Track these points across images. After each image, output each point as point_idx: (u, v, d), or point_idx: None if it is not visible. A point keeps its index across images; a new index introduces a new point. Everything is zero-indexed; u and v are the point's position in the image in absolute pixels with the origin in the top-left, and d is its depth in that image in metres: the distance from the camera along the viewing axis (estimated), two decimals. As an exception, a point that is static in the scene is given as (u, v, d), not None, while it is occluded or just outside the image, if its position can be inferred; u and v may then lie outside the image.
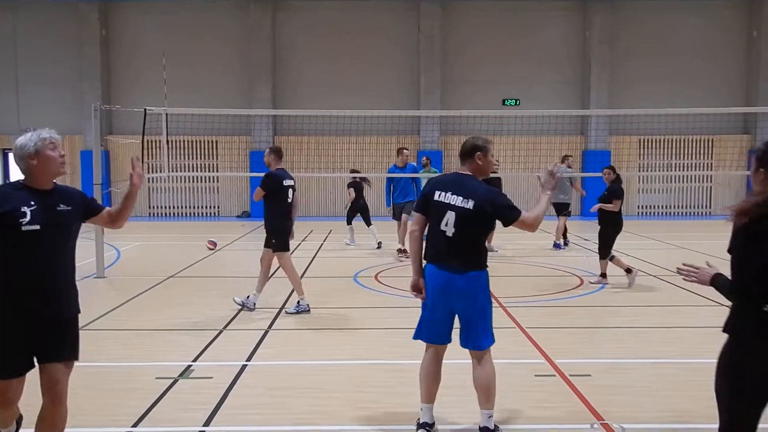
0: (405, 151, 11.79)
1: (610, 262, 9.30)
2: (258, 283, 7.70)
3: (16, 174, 20.00)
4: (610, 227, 9.20)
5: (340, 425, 4.43)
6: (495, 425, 4.21)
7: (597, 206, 9.23)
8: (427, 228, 4.31)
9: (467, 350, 4.26)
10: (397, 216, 11.88)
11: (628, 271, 9.23)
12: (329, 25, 20.68)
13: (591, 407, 4.70)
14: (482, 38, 20.75)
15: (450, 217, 4.05)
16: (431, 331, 4.24)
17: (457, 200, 4.07)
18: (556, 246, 13.22)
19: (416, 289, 4.26)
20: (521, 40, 20.78)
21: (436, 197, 4.13)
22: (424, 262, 4.27)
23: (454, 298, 4.10)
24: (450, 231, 4.06)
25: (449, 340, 4.27)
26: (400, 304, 8.26)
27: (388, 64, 20.78)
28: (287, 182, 7.65)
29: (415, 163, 12.54)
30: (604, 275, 9.34)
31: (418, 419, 4.30)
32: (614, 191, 9.20)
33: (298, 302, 7.59)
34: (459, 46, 20.77)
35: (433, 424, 4.26)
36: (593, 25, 20.41)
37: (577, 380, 5.24)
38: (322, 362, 5.73)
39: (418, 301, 4.32)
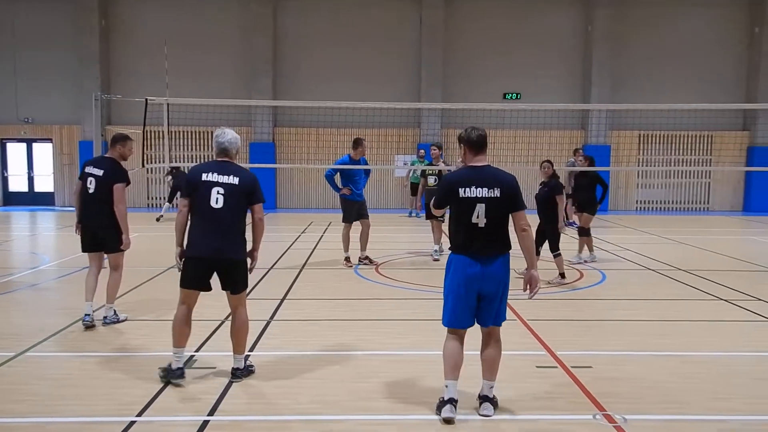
0: (363, 142, 10.28)
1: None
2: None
3: (14, 163, 19.91)
4: (556, 222, 8.93)
5: (345, 415, 4.46)
6: (494, 395, 4.49)
7: (562, 221, 8.90)
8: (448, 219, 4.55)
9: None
10: (351, 217, 10.27)
11: (562, 275, 8.99)
12: (331, 16, 20.66)
13: (593, 398, 4.74)
14: (484, 31, 20.73)
15: (480, 209, 4.30)
16: (462, 318, 4.41)
17: (483, 192, 4.32)
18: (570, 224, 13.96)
19: None
20: (523, 33, 20.76)
21: (461, 194, 4.33)
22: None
23: (486, 282, 4.35)
24: (482, 222, 4.32)
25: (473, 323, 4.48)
26: (400, 295, 8.29)
27: (389, 56, 20.75)
28: (88, 169, 6.70)
29: (367, 158, 10.84)
30: (563, 275, 8.96)
31: (442, 397, 4.43)
32: (556, 187, 8.96)
33: (115, 311, 6.83)
34: (461, 38, 20.75)
35: (457, 400, 4.40)
36: (595, 19, 20.39)
37: (579, 372, 5.28)
38: (325, 353, 5.75)
39: (419, 293, 4.41)
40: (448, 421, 4.30)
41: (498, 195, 4.33)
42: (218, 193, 4.88)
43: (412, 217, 17.87)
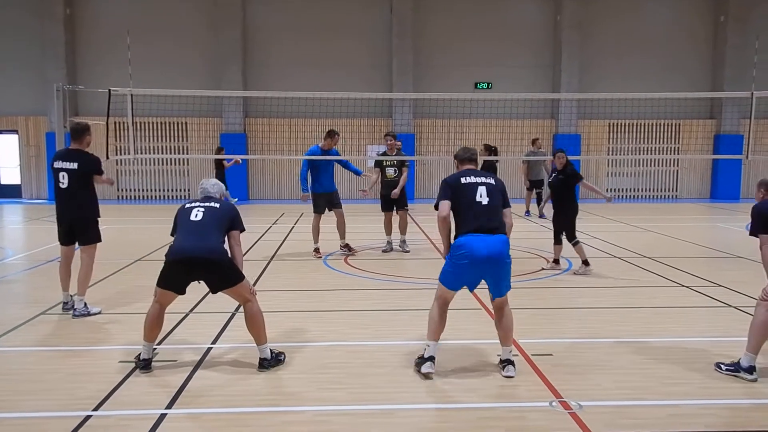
0: (336, 135, 10.31)
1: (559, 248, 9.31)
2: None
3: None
4: (573, 210, 9.11)
5: (303, 406, 4.47)
6: (513, 358, 5.08)
7: (606, 195, 9.51)
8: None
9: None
10: (320, 208, 10.28)
11: (585, 263, 9.15)
12: (301, 5, 20.51)
13: (550, 385, 4.80)
14: (455, 21, 20.74)
15: (482, 190, 5.02)
16: (459, 281, 5.01)
17: (481, 179, 5.11)
18: (527, 214, 15.74)
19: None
20: (494, 23, 20.82)
21: (464, 182, 5.06)
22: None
23: (491, 260, 4.86)
24: (485, 200, 5.00)
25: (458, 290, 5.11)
26: (367, 286, 8.31)
27: (360, 45, 20.68)
28: (57, 164, 6.68)
29: (338, 149, 10.81)
30: (586, 262, 8.98)
31: (422, 354, 5.01)
32: (573, 175, 9.02)
33: (85, 303, 6.81)
34: (431, 28, 20.74)
35: (435, 358, 4.98)
36: (564, 8, 20.51)
37: (539, 359, 5.34)
38: (289, 344, 5.73)
39: (386, 284, 4.51)
40: (427, 376, 4.88)
41: (493, 182, 5.12)
42: (198, 210, 5.19)
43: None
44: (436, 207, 5.09)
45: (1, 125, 20.57)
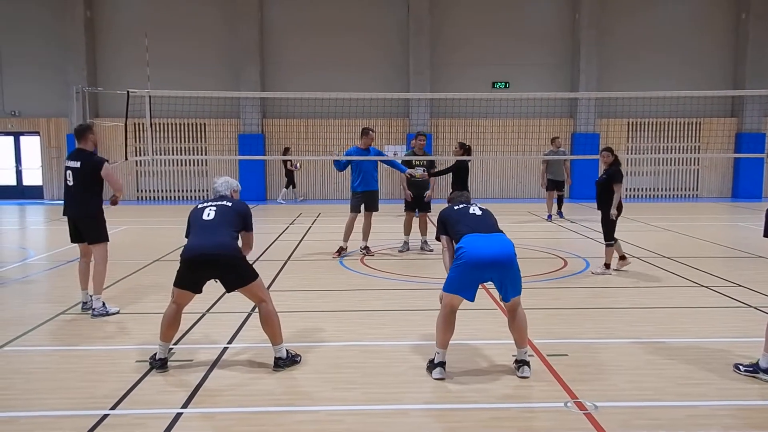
0: (371, 132, 10.30)
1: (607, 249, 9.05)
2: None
3: (2, 157, 19.81)
4: (607, 210, 8.96)
5: (317, 406, 4.48)
6: (528, 359, 5.08)
7: (614, 210, 8.85)
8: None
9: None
10: (355, 207, 10.35)
11: (623, 258, 9.08)
12: (318, 4, 20.57)
13: (566, 386, 4.77)
14: (472, 20, 20.68)
15: (474, 208, 5.38)
16: (463, 284, 4.92)
17: (473, 204, 5.47)
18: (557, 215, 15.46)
19: None
20: (511, 22, 20.73)
21: (456, 208, 5.39)
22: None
23: (496, 264, 4.86)
24: (479, 212, 5.32)
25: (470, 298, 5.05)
26: (382, 286, 8.32)
27: (377, 46, 20.70)
28: (66, 163, 6.98)
29: (378, 148, 10.90)
30: (608, 265, 8.93)
31: (432, 359, 5.05)
32: (613, 175, 8.89)
33: (104, 303, 6.89)
34: (448, 28, 20.70)
35: (446, 362, 5.02)
36: (582, 6, 20.36)
37: (554, 360, 5.31)
38: (302, 344, 5.76)
39: (402, 284, 4.48)
40: (439, 380, 4.92)
41: (483, 207, 5.44)
42: (210, 209, 5.27)
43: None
44: (438, 238, 5.44)
45: (23, 127, 20.87)
